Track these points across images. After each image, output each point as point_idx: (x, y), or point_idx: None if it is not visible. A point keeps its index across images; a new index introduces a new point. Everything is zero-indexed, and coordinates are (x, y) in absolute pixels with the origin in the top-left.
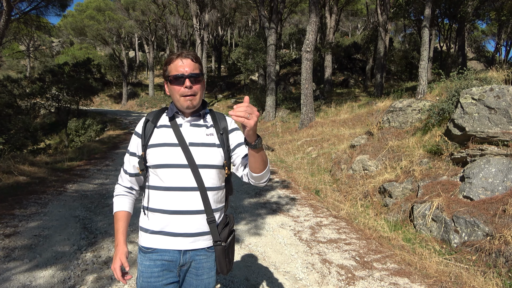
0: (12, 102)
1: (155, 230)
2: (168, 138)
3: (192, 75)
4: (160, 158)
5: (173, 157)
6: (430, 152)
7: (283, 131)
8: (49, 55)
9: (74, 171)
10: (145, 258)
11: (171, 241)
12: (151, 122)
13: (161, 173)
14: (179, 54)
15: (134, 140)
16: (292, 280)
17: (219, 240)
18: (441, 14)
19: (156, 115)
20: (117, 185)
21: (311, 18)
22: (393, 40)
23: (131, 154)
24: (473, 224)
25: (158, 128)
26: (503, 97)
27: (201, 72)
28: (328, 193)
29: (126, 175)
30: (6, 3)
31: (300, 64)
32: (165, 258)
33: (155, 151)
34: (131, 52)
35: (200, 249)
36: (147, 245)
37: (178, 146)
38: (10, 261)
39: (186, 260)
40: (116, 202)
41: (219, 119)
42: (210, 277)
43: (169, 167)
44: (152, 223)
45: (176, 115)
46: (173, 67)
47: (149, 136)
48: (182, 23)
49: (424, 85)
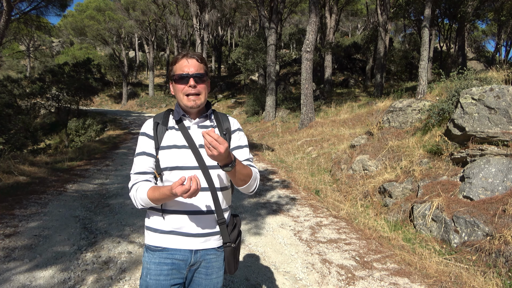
0: (12, 102)
1: (166, 230)
2: (178, 141)
3: (196, 74)
4: (172, 160)
5: (184, 159)
6: (430, 152)
7: (283, 131)
8: (49, 55)
9: (74, 171)
10: (155, 256)
11: (183, 240)
12: (162, 124)
13: (174, 175)
14: (184, 54)
15: (145, 141)
16: (292, 280)
17: (229, 241)
18: (441, 14)
19: (164, 118)
20: (131, 186)
21: (311, 18)
22: (393, 40)
23: (147, 155)
24: (473, 224)
25: (168, 130)
26: (503, 97)
27: (206, 72)
28: (328, 193)
29: (140, 175)
30: (6, 3)
31: (300, 64)
32: (176, 257)
33: (167, 153)
34: (131, 52)
35: (211, 248)
36: (157, 244)
37: (188, 148)
38: (10, 261)
39: (197, 259)
40: (140, 189)
41: (222, 120)
42: (219, 276)
43: (181, 169)
44: (164, 224)
45: (183, 118)
46: (178, 67)
47: (161, 138)
48: (182, 23)
49: (424, 85)
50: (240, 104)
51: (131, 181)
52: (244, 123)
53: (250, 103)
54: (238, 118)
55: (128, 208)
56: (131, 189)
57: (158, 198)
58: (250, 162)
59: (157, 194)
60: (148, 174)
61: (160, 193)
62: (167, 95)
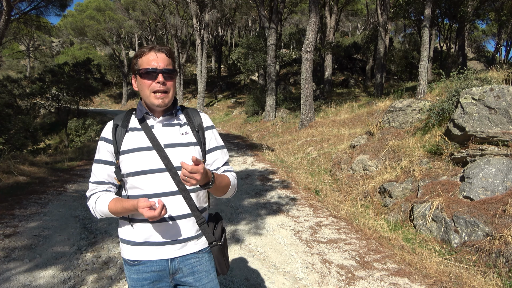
0: (12, 102)
1: (138, 242)
2: (141, 142)
3: (165, 70)
4: (135, 164)
5: (148, 162)
6: (430, 152)
7: (283, 131)
8: (49, 55)
9: (74, 171)
10: (132, 271)
11: (156, 251)
12: (121, 126)
13: (138, 180)
14: (152, 47)
15: (103, 147)
16: (292, 280)
17: (214, 240)
18: (441, 14)
19: (125, 118)
20: (90, 195)
21: (311, 18)
22: (393, 40)
23: (105, 163)
24: (473, 224)
25: (129, 132)
26: (503, 97)
27: (175, 68)
28: (328, 193)
29: (100, 185)
30: (6, 3)
31: (300, 64)
32: (153, 269)
33: (129, 157)
34: (131, 52)
35: (189, 254)
36: (131, 258)
37: (153, 149)
38: (10, 261)
39: (176, 267)
40: (100, 201)
41: (193, 116)
42: (210, 280)
43: (146, 173)
44: (135, 234)
45: (147, 116)
46: (145, 60)
47: (121, 141)
48: (182, 23)
49: (424, 85)
50: (240, 104)
51: (89, 191)
52: (244, 123)
53: (250, 103)
54: (238, 118)
55: None
56: (89, 198)
57: (120, 212)
58: (227, 167)
59: (119, 208)
60: (106, 184)
61: (122, 208)
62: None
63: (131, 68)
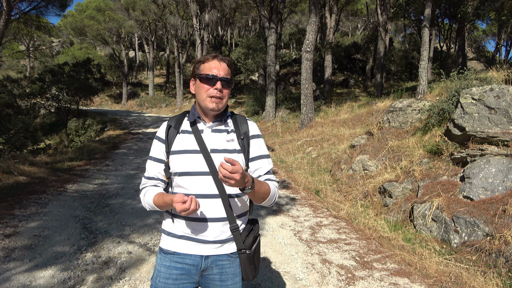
0: (12, 102)
1: (178, 235)
2: (190, 145)
3: (224, 78)
4: (182, 165)
5: (194, 164)
6: (430, 152)
7: (283, 131)
8: (49, 55)
9: (74, 171)
10: (166, 259)
11: (194, 246)
12: (174, 128)
13: (183, 180)
14: (215, 56)
15: (157, 146)
16: (292, 280)
17: (243, 248)
18: (441, 14)
19: (178, 120)
20: (141, 188)
21: (311, 18)
22: (393, 40)
23: (157, 160)
24: (473, 224)
25: (180, 134)
26: (503, 97)
27: (232, 78)
28: (328, 193)
29: (151, 180)
30: (6, 3)
31: (300, 64)
32: (187, 262)
33: (177, 158)
34: (131, 52)
35: (223, 254)
36: (169, 248)
37: (200, 153)
38: (10, 261)
39: (208, 265)
40: (148, 194)
41: (240, 123)
42: (234, 283)
43: (191, 175)
44: (175, 228)
45: (198, 120)
46: (207, 67)
47: (172, 142)
48: (182, 23)
49: (424, 85)
50: (240, 104)
51: (141, 184)
52: None
53: (250, 103)
54: None
55: (128, 208)
56: (140, 191)
57: (161, 205)
58: (270, 176)
59: (161, 201)
60: (156, 180)
61: (163, 201)
62: (167, 95)
63: (192, 72)
